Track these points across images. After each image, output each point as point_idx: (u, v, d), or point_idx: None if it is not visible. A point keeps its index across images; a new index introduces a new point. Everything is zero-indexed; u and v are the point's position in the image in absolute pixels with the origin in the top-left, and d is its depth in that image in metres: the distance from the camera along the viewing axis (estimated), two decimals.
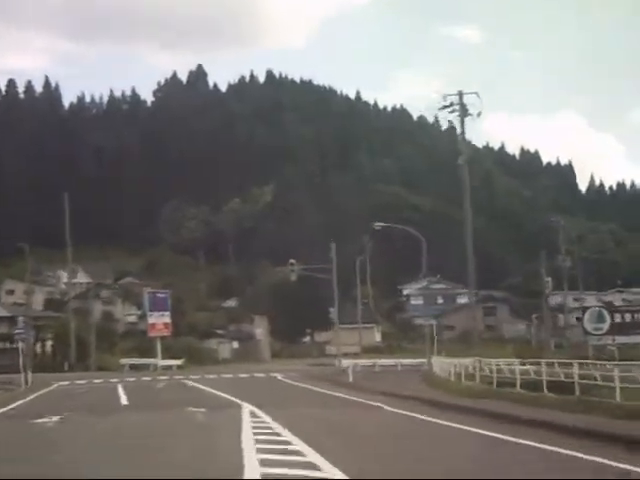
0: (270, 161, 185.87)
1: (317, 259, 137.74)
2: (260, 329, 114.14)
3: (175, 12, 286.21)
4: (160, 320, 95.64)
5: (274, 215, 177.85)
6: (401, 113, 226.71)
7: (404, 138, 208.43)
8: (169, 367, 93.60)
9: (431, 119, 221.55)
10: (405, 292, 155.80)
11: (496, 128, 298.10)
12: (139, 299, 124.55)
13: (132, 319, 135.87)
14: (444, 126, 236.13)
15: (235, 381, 64.75)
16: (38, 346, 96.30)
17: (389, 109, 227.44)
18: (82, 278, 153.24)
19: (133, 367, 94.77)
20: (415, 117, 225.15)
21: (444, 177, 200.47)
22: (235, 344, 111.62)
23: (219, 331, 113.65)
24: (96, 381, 69.35)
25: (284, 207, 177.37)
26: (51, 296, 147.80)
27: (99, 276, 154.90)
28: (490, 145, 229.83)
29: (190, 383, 61.23)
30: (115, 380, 68.24)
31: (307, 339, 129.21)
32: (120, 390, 53.71)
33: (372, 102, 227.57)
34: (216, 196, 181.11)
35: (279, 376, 69.80)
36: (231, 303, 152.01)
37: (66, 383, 66.18)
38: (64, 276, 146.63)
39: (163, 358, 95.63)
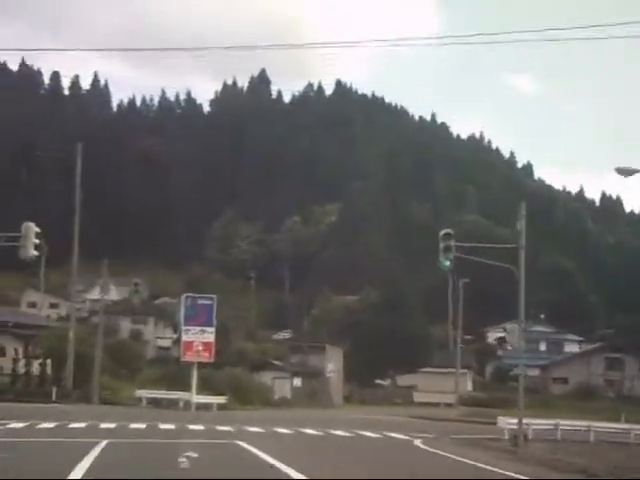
0: (335, 179, 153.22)
1: (385, 290, 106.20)
2: (332, 364, 79.97)
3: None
4: (200, 338, 61.51)
5: (338, 238, 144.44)
6: (478, 142, 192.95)
7: (483, 168, 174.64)
8: (207, 406, 60.45)
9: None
10: (494, 335, 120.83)
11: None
12: (175, 320, 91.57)
13: (165, 343, 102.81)
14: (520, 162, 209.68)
15: (343, 446, 32.55)
16: (22, 365, 62.54)
17: (463, 137, 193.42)
18: (113, 295, 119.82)
19: (154, 402, 61.46)
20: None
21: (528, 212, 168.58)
22: (297, 381, 77.29)
23: (276, 362, 79.45)
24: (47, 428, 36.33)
25: (350, 229, 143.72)
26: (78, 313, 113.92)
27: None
28: (567, 189, 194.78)
29: (248, 448, 27.15)
30: (103, 428, 35.19)
31: (386, 382, 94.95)
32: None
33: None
34: (273, 214, 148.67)
35: (400, 436, 37.86)
36: (284, 335, 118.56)
37: None
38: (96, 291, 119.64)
39: (199, 392, 61.92)
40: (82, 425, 35.87)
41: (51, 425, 35.09)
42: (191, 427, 37.03)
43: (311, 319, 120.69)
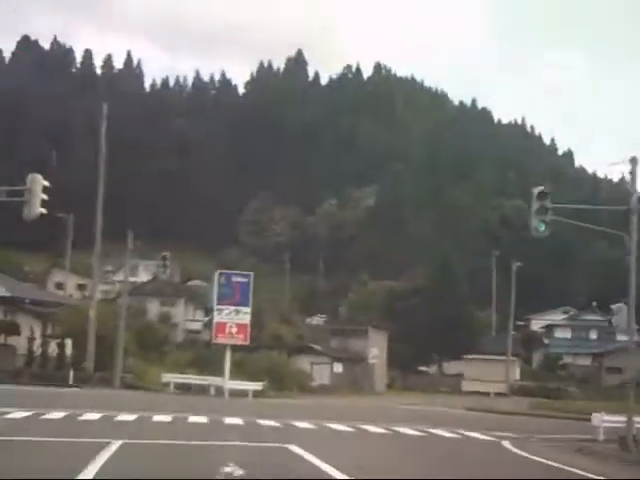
0: (373, 162, 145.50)
1: (424, 276, 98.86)
2: (375, 348, 72.57)
3: None
4: (234, 319, 54.34)
5: (376, 222, 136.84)
6: (519, 128, 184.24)
7: (525, 154, 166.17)
8: (241, 393, 53.69)
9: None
10: (538, 323, 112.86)
11: None
12: (207, 303, 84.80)
13: (195, 326, 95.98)
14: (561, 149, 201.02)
15: (428, 453, 24.76)
16: (38, 344, 55.58)
17: (504, 122, 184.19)
18: (143, 276, 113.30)
19: (182, 388, 54.52)
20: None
21: (571, 199, 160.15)
22: (337, 367, 70.00)
23: (315, 347, 72.07)
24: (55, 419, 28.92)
25: (388, 213, 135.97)
26: (105, 296, 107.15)
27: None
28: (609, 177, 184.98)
29: (310, 459, 19.74)
30: (119, 421, 28.15)
31: (431, 369, 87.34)
32: None
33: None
34: (309, 197, 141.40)
35: (482, 437, 30.56)
36: (318, 320, 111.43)
37: None
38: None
39: (232, 378, 55.01)
40: (95, 417, 28.92)
41: (59, 416, 28.26)
42: (227, 421, 29.91)
43: (347, 304, 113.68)
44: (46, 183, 29.47)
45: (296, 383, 65.14)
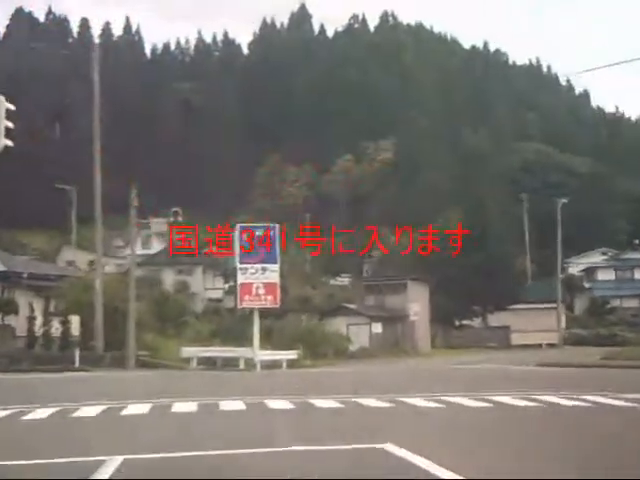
0: (387, 113, 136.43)
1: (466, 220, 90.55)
2: (416, 304, 64.26)
3: None
4: (260, 279, 46.19)
5: (395, 175, 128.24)
6: (535, 70, 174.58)
7: (542, 95, 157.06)
8: (275, 364, 45.93)
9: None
10: (576, 267, 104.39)
11: None
12: (227, 270, 76.85)
13: (215, 295, 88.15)
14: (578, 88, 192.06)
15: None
16: (40, 324, 47.45)
17: (519, 64, 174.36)
18: (155, 248, 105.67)
19: (207, 363, 46.72)
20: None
21: (594, 139, 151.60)
22: (376, 327, 61.81)
23: (350, 306, 63.92)
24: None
25: (408, 165, 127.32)
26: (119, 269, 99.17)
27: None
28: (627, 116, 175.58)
29: (412, 460, 11.74)
30: (126, 417, 20.12)
31: (475, 322, 78.81)
32: None
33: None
34: (322, 155, 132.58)
35: (614, 402, 21.93)
36: (342, 280, 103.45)
37: None
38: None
39: (261, 348, 47.19)
40: (94, 411, 20.85)
41: (46, 414, 20.32)
42: (272, 405, 21.71)
43: (373, 261, 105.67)
44: (10, 106, 21.52)
45: (332, 348, 57.25)
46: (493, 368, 42.38)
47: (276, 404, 21.74)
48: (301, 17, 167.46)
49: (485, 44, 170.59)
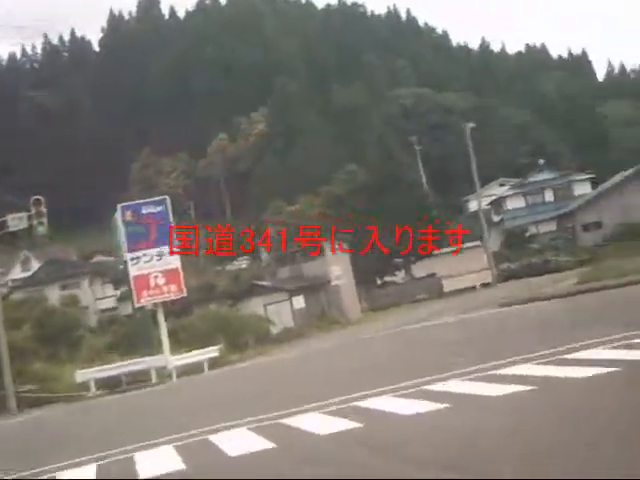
0: (256, 84, 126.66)
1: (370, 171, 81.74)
2: (337, 266, 54.58)
3: None
4: (157, 266, 36.00)
5: (272, 146, 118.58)
6: (395, 17, 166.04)
7: (407, 41, 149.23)
8: (194, 367, 35.81)
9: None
10: (474, 204, 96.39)
11: None
12: (118, 274, 66.11)
13: (108, 304, 77.32)
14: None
15: None
16: None
17: (380, 14, 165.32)
18: (35, 266, 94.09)
19: (109, 385, 36.20)
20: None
21: (466, 75, 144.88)
22: (298, 301, 51.95)
23: (264, 283, 53.87)
24: None
25: (283, 134, 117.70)
26: None
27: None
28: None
29: None
30: None
31: (399, 277, 69.14)
32: None
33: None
34: (195, 139, 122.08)
35: None
36: (240, 264, 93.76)
37: None
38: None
39: (175, 351, 37.09)
40: None
41: None
42: (231, 451, 11.76)
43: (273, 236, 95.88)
44: None
45: (253, 334, 47.29)
46: (470, 318, 33.18)
47: (235, 446, 11.91)
48: (149, 3, 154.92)
49: (339, 0, 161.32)
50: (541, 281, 49.97)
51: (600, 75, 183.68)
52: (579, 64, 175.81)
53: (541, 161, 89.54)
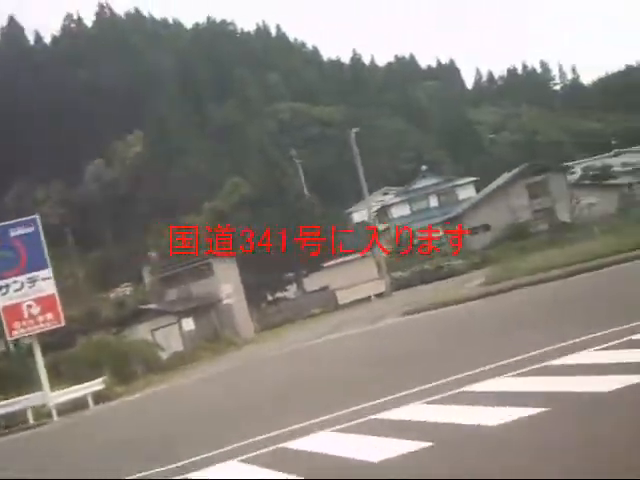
0: (128, 106, 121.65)
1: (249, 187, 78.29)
2: (228, 284, 51.02)
3: None
4: (30, 294, 31.89)
5: (151, 166, 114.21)
6: (264, 32, 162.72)
7: (279, 57, 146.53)
8: (77, 404, 31.66)
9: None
10: (358, 214, 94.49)
11: None
12: None
13: None
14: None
15: None
16: None
17: (250, 31, 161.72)
18: None
19: None
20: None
21: (337, 87, 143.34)
22: (188, 322, 48.11)
23: (151, 306, 49.84)
24: None
25: (162, 154, 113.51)
26: None
27: None
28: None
29: None
30: None
31: (290, 292, 65.69)
32: None
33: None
34: (70, 166, 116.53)
35: None
36: (123, 291, 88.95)
37: None
38: None
39: (56, 386, 32.88)
40: None
41: None
42: None
43: (154, 261, 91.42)
44: None
45: (142, 362, 43.32)
46: (377, 329, 30.24)
47: None
48: (13, 31, 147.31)
49: (208, 19, 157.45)
50: (441, 285, 47.89)
51: (469, 83, 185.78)
52: (448, 73, 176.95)
53: (424, 167, 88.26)
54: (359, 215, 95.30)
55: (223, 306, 50.63)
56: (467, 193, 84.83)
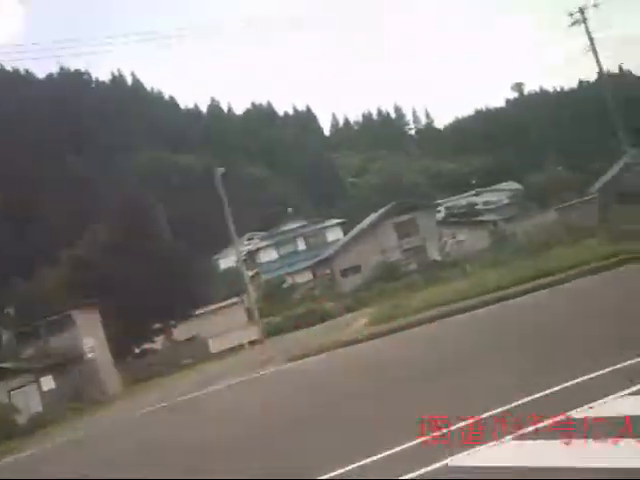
0: None
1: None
2: (91, 338, 46.61)
3: None
4: None
5: (6, 225, 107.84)
6: (120, 81, 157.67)
7: (136, 106, 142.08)
8: None
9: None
10: (229, 259, 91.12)
11: None
12: None
13: None
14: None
15: None
16: None
17: (105, 80, 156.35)
18: None
19: None
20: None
21: (196, 135, 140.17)
22: (47, 381, 43.43)
23: (5, 365, 44.87)
24: None
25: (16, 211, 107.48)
26: None
27: None
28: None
29: None
30: None
31: (158, 343, 61.26)
32: None
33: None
34: None
35: None
36: None
37: None
38: None
39: None
40: None
41: None
42: None
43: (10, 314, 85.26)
44: None
45: None
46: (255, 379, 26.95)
47: None
48: None
49: (62, 69, 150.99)
50: (320, 330, 45.12)
51: (326, 129, 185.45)
52: (305, 119, 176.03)
53: (290, 209, 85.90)
54: (227, 261, 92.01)
55: (86, 361, 46.22)
56: (335, 235, 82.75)
